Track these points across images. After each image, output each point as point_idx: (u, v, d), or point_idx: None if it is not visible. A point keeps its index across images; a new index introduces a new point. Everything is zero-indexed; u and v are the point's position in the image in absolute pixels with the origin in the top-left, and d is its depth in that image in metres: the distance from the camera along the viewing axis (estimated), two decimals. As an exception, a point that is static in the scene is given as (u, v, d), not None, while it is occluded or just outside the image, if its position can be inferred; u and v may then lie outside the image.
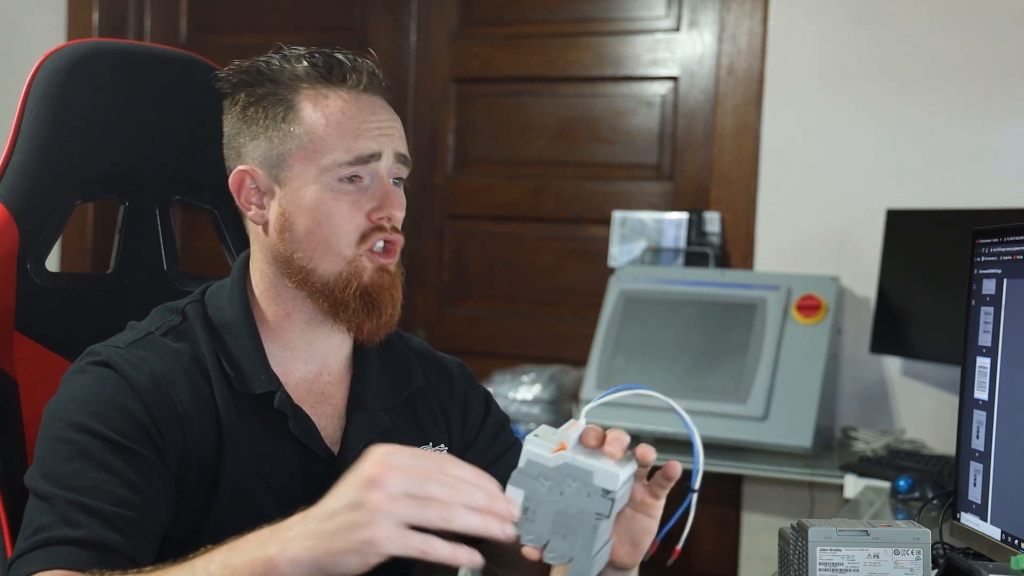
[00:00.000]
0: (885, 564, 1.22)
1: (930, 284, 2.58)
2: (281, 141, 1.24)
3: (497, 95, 3.31)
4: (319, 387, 1.29)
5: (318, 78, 1.25)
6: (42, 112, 1.38)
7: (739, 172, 2.99)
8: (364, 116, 1.25)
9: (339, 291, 1.24)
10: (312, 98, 1.24)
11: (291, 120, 1.24)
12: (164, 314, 1.28)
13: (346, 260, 1.24)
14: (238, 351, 1.24)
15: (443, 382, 1.40)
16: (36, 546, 1.07)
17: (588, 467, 0.99)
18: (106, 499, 1.09)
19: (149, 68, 1.48)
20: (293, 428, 1.23)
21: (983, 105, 2.76)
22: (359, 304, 1.24)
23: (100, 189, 1.45)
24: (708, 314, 2.74)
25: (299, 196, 1.24)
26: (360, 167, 1.24)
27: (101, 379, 1.17)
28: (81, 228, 3.52)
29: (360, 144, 1.23)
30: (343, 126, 1.23)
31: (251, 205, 1.27)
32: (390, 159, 1.26)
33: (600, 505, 1.00)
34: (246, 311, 1.27)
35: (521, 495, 1.00)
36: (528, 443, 1.01)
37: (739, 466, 2.56)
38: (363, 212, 1.24)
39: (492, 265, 3.32)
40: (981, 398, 1.43)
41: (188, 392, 1.20)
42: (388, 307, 1.26)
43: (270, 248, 1.27)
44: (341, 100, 1.24)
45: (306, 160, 1.23)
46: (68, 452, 1.12)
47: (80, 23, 3.58)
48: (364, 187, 1.25)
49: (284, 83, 1.25)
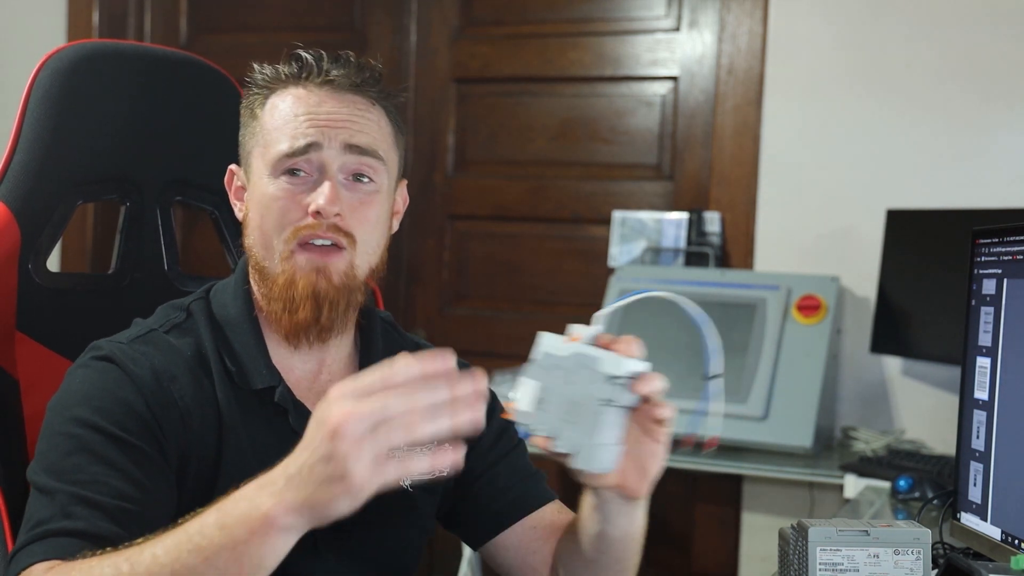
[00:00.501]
0: (885, 564, 1.22)
1: (930, 284, 2.59)
2: (248, 139, 1.29)
3: (497, 95, 3.31)
4: (320, 384, 1.30)
5: (289, 78, 1.26)
6: (44, 112, 1.38)
7: (739, 172, 2.99)
8: (311, 107, 1.24)
9: (279, 289, 1.22)
10: (275, 98, 1.27)
11: (256, 117, 1.28)
12: (169, 311, 1.29)
13: (281, 256, 1.22)
14: (240, 347, 1.25)
15: None
16: (36, 538, 1.07)
17: (597, 355, 1.04)
18: (106, 492, 1.10)
19: (150, 69, 1.48)
20: (294, 423, 1.24)
21: (983, 106, 2.76)
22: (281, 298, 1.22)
23: (101, 189, 1.46)
24: (708, 314, 2.73)
25: (255, 191, 1.26)
26: (298, 158, 1.22)
27: (103, 373, 1.18)
28: (81, 228, 3.52)
29: (298, 133, 1.23)
30: (288, 118, 1.24)
31: (236, 201, 1.32)
32: (335, 150, 1.23)
33: (605, 391, 1.03)
34: (248, 307, 1.28)
35: (537, 386, 1.04)
36: (543, 337, 1.04)
37: (739, 466, 2.56)
38: (301, 205, 1.22)
39: (492, 265, 3.32)
40: (981, 398, 1.43)
41: (189, 387, 1.20)
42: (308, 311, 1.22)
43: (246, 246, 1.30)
44: (296, 96, 1.25)
45: (260, 156, 1.26)
46: (69, 446, 1.12)
47: (80, 23, 3.58)
48: (308, 180, 1.23)
49: (264, 84, 1.28)
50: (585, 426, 1.03)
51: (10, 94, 1.67)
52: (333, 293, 1.23)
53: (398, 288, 3.39)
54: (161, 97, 1.48)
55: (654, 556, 3.12)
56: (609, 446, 1.05)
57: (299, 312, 1.22)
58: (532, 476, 1.41)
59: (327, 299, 1.23)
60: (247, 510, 0.96)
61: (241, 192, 1.31)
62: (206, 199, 1.54)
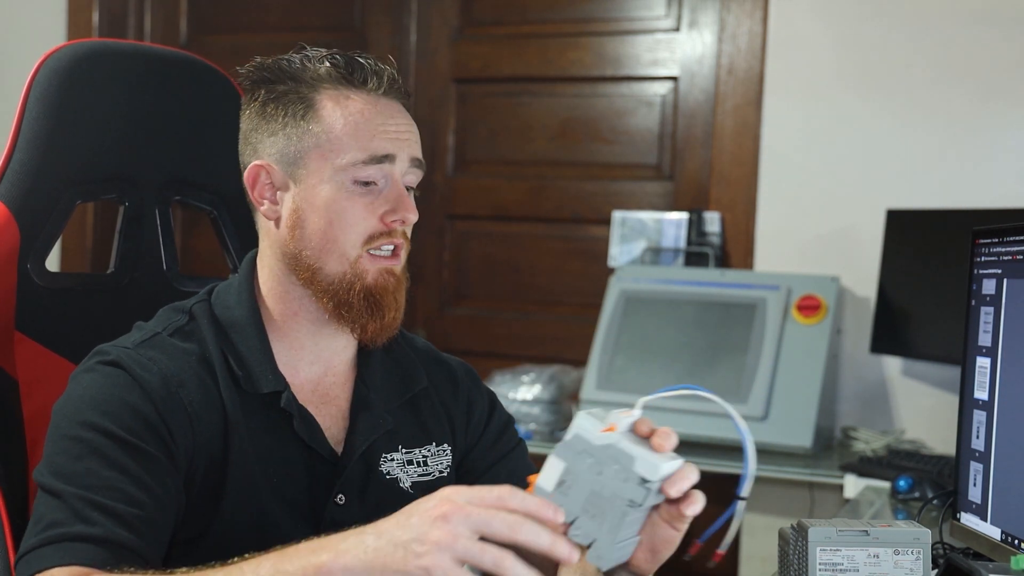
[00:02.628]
0: (885, 564, 1.22)
1: (930, 284, 2.58)
2: (299, 139, 1.25)
3: (497, 95, 3.31)
4: (324, 387, 1.30)
5: (340, 79, 1.26)
6: (42, 112, 1.38)
7: (739, 172, 2.99)
8: (382, 119, 1.26)
9: (343, 291, 1.24)
10: (333, 98, 1.25)
11: (310, 118, 1.24)
12: (171, 314, 1.28)
13: (350, 261, 1.24)
14: (245, 350, 1.25)
15: (447, 383, 1.40)
16: (49, 541, 1.07)
17: (632, 453, 1.00)
18: (119, 498, 1.10)
19: (149, 68, 1.48)
20: (298, 428, 1.24)
21: (983, 105, 2.76)
22: (363, 305, 1.25)
23: (100, 189, 1.45)
24: (708, 314, 2.74)
25: (313, 194, 1.24)
26: (374, 168, 1.24)
27: (111, 378, 1.17)
28: (81, 228, 3.52)
29: (375, 145, 1.24)
30: (361, 127, 1.24)
31: (264, 200, 1.28)
32: (405, 163, 1.27)
33: (635, 493, 0.99)
34: (253, 310, 1.27)
35: (562, 467, 1.00)
36: (579, 418, 1.01)
37: (739, 466, 2.55)
38: (376, 215, 1.25)
39: (492, 265, 3.32)
40: (981, 398, 1.43)
41: (196, 392, 1.20)
42: (391, 309, 1.27)
43: (280, 244, 1.27)
44: (361, 101, 1.25)
45: (322, 158, 1.24)
46: (80, 450, 1.12)
47: (80, 23, 3.58)
48: (378, 190, 1.25)
49: (305, 81, 1.26)
50: (606, 522, 0.99)
51: (10, 94, 1.67)
52: (402, 289, 1.28)
53: (398, 288, 3.39)
54: (160, 96, 1.48)
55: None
56: (627, 541, 1.04)
57: (386, 315, 1.26)
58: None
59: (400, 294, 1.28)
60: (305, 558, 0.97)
61: (273, 191, 1.27)
62: (205, 199, 1.54)
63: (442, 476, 1.34)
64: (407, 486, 1.30)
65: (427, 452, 1.33)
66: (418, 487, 1.30)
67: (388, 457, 1.30)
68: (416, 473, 1.31)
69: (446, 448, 1.35)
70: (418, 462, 1.32)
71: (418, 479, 1.31)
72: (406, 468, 1.31)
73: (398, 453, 1.31)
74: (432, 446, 1.34)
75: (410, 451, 1.32)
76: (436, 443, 1.35)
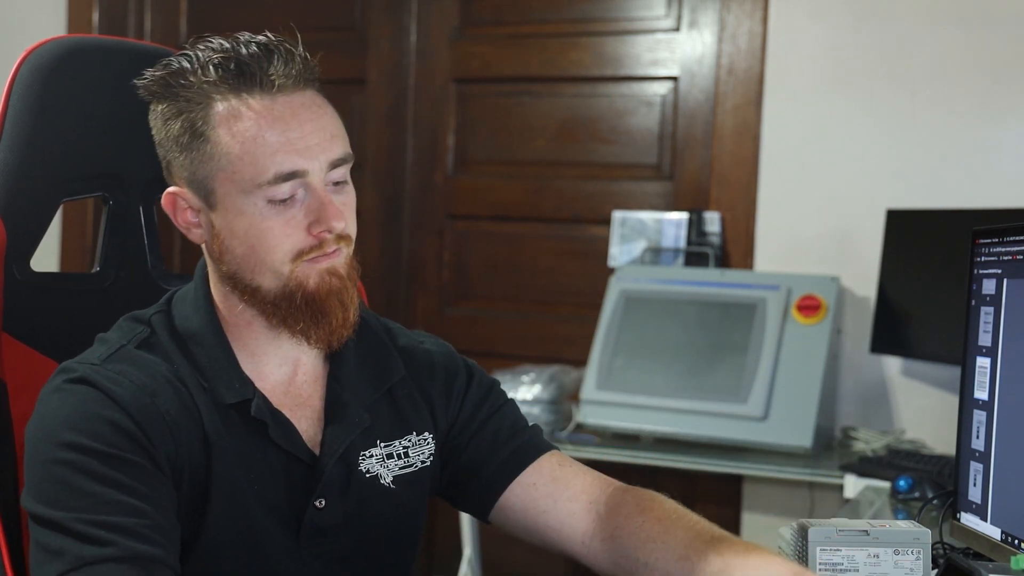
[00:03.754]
0: (885, 564, 1.22)
1: (930, 284, 2.59)
2: (202, 163, 1.18)
3: (497, 95, 3.31)
4: (295, 389, 1.26)
5: (228, 87, 1.16)
6: (25, 109, 1.35)
7: (739, 172, 2.99)
8: (281, 127, 1.16)
9: (285, 303, 1.20)
10: (223, 115, 1.16)
11: (208, 140, 1.16)
12: (132, 325, 1.24)
13: (285, 277, 1.19)
14: (206, 361, 1.21)
15: (423, 367, 1.36)
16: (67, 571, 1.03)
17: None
18: (121, 511, 1.06)
19: (132, 64, 1.44)
20: (273, 434, 1.21)
21: (983, 105, 2.76)
22: (306, 313, 1.19)
23: (85, 187, 1.43)
24: (708, 314, 2.74)
25: (230, 220, 1.18)
26: (285, 185, 1.16)
27: (80, 396, 1.13)
28: (81, 228, 3.52)
29: (279, 162, 1.15)
30: (258, 143, 1.15)
31: (189, 226, 1.23)
32: (321, 171, 1.17)
33: None
34: (211, 320, 1.23)
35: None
36: None
37: (739, 466, 2.56)
38: (300, 228, 1.18)
39: (492, 265, 3.32)
40: (981, 398, 1.43)
41: (172, 401, 1.17)
42: (338, 311, 1.21)
43: (215, 265, 1.23)
44: (253, 113, 1.15)
45: (228, 182, 1.16)
46: (64, 473, 1.08)
47: (80, 23, 3.58)
48: (298, 201, 1.17)
49: (195, 98, 1.17)
50: None
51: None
52: (349, 287, 1.21)
53: (398, 288, 3.39)
54: None
55: None
56: None
57: (332, 319, 1.20)
58: (522, 431, 1.36)
59: (346, 294, 1.21)
60: None
61: (195, 215, 1.21)
62: None
63: (424, 466, 1.32)
64: (388, 482, 1.28)
65: (407, 443, 1.31)
66: (399, 481, 1.28)
67: (367, 454, 1.27)
68: (397, 467, 1.29)
69: (427, 436, 1.33)
70: (398, 455, 1.29)
71: (400, 472, 1.29)
72: (386, 463, 1.28)
73: (377, 448, 1.28)
74: (412, 436, 1.31)
75: (389, 444, 1.29)
76: (416, 432, 1.32)
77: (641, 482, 1.34)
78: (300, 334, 1.22)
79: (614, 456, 2.59)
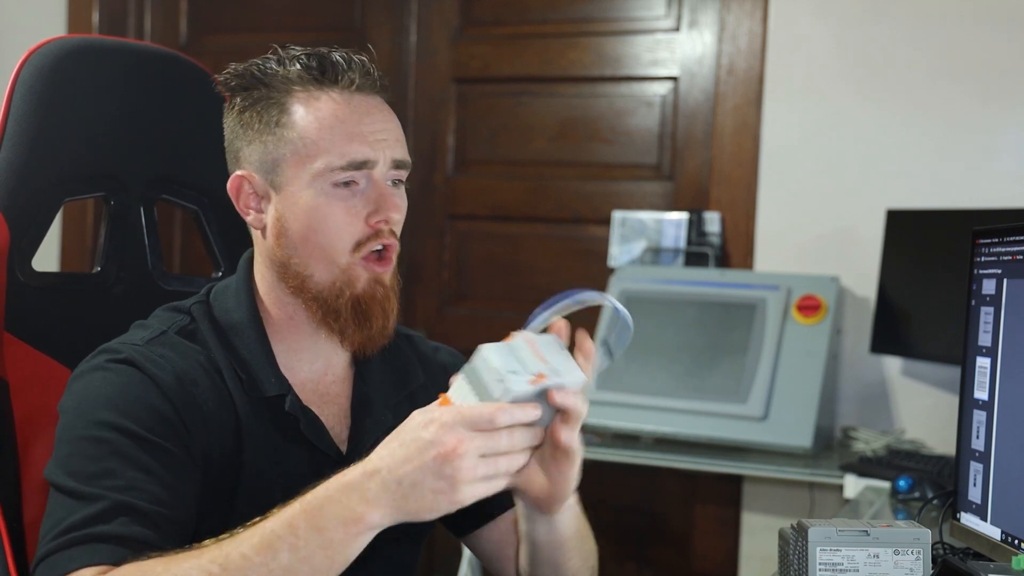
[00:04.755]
0: (885, 564, 1.22)
1: (930, 284, 2.58)
2: (275, 146, 1.23)
3: (497, 95, 3.31)
4: (324, 387, 1.30)
5: (311, 80, 1.23)
6: (27, 109, 1.36)
7: (739, 172, 2.99)
8: (357, 119, 1.23)
9: (332, 299, 1.24)
10: (304, 101, 1.23)
11: (284, 124, 1.23)
12: (172, 314, 1.28)
13: (340, 268, 1.23)
14: (247, 354, 1.24)
15: (440, 373, 1.40)
16: (74, 543, 1.06)
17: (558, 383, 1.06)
18: (143, 497, 1.09)
19: (134, 65, 1.46)
20: (305, 430, 1.24)
21: (983, 105, 2.76)
22: (350, 314, 1.24)
23: (86, 187, 1.44)
24: (708, 314, 2.74)
25: (294, 201, 1.23)
26: (354, 172, 1.22)
27: (125, 376, 1.16)
28: (81, 228, 3.52)
29: (353, 149, 1.22)
30: (335, 129, 1.22)
31: (249, 210, 1.27)
32: (385, 166, 1.25)
33: None
34: (253, 313, 1.27)
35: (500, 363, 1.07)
36: (511, 383, 1.04)
37: (739, 466, 2.56)
38: (359, 217, 1.23)
39: (492, 265, 3.32)
40: (981, 398, 1.43)
41: (209, 391, 1.20)
42: (378, 318, 1.25)
43: (268, 253, 1.27)
44: (333, 102, 1.23)
45: (299, 165, 1.22)
46: (99, 451, 1.11)
47: (80, 23, 3.58)
48: (359, 191, 1.23)
49: (277, 86, 1.24)
50: None
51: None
52: (392, 298, 1.26)
53: (398, 288, 3.39)
54: (145, 94, 1.47)
55: (654, 556, 3.12)
56: None
57: (373, 325, 1.24)
58: None
59: (388, 304, 1.26)
60: (342, 513, 1.01)
61: (257, 200, 1.26)
62: (190, 197, 1.53)
63: None
64: None
65: None
66: None
67: None
68: None
69: None
70: None
71: None
72: None
73: None
74: None
75: None
76: None
77: (641, 482, 1.35)
78: (338, 333, 1.25)
79: (614, 456, 2.59)
